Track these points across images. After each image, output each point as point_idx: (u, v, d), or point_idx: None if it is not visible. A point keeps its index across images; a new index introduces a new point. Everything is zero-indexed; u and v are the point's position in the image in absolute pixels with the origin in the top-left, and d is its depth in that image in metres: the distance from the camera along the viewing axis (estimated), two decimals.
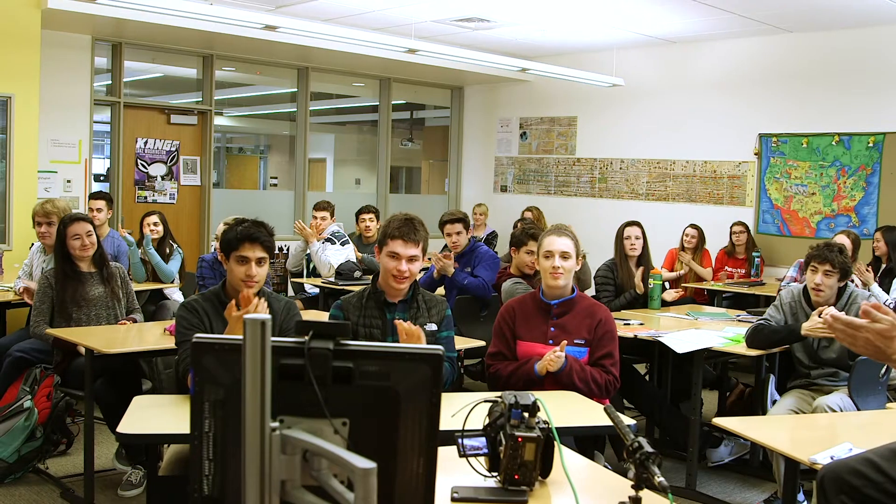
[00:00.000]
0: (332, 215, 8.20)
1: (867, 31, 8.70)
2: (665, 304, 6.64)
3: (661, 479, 2.07)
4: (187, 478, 1.66)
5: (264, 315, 1.36)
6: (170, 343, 4.13)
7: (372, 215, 8.53)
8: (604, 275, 6.57)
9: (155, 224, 7.29)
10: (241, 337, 1.38)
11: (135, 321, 5.24)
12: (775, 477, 4.51)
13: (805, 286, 4.92)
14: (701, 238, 8.93)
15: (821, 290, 4.78)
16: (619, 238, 6.62)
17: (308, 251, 7.95)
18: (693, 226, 8.96)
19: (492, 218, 11.11)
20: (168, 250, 7.30)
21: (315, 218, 8.13)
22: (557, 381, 3.89)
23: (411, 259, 3.78)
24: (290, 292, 8.07)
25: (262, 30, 7.65)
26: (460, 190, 12.80)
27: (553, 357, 3.85)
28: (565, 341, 3.90)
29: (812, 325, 4.70)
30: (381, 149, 12.00)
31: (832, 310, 4.62)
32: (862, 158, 8.82)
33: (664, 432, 5.90)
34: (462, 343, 4.91)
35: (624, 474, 2.62)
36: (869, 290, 6.01)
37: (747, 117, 9.65)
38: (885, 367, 4.77)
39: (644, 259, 6.64)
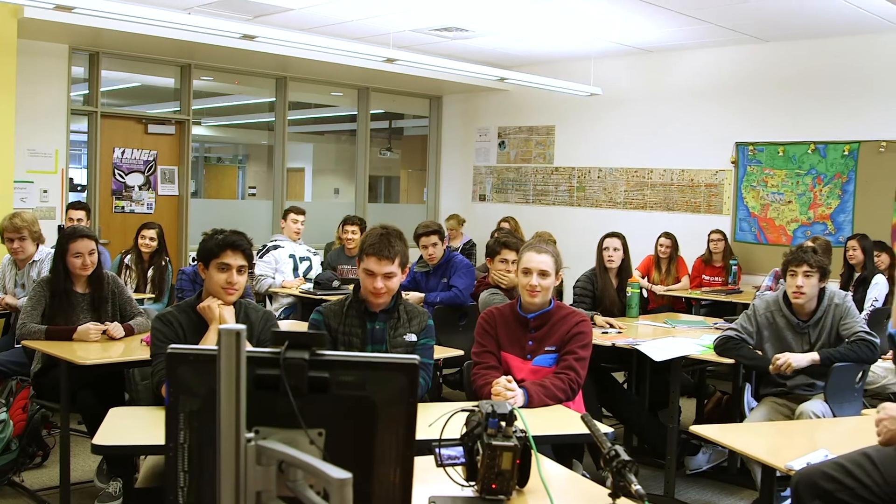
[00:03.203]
0: None
1: (842, 41, 8.78)
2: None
3: (638, 486, 2.08)
4: (164, 489, 1.66)
5: (239, 325, 1.36)
6: (147, 354, 4.11)
7: (356, 227, 8.34)
8: (583, 286, 6.55)
9: (151, 239, 7.22)
10: (216, 347, 1.38)
11: (131, 329, 5.01)
12: (754, 482, 4.53)
13: (783, 292, 4.92)
14: (675, 247, 8.98)
15: (802, 293, 4.75)
16: (599, 249, 6.62)
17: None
18: (666, 235, 9.02)
19: (471, 227, 11.11)
20: (163, 263, 7.24)
21: (297, 222, 8.23)
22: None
23: (387, 276, 3.75)
24: (268, 303, 8.02)
25: (241, 39, 7.64)
26: (439, 199, 12.82)
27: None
28: (510, 377, 3.79)
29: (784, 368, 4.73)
30: (360, 158, 12.00)
31: (790, 358, 4.67)
32: (837, 167, 8.89)
33: (642, 440, 5.92)
34: (441, 352, 4.90)
35: (603, 483, 2.63)
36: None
37: (724, 126, 9.71)
38: (861, 373, 4.80)
39: (623, 271, 6.62)
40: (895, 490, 2.64)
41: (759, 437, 3.76)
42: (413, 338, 3.88)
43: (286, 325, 5.99)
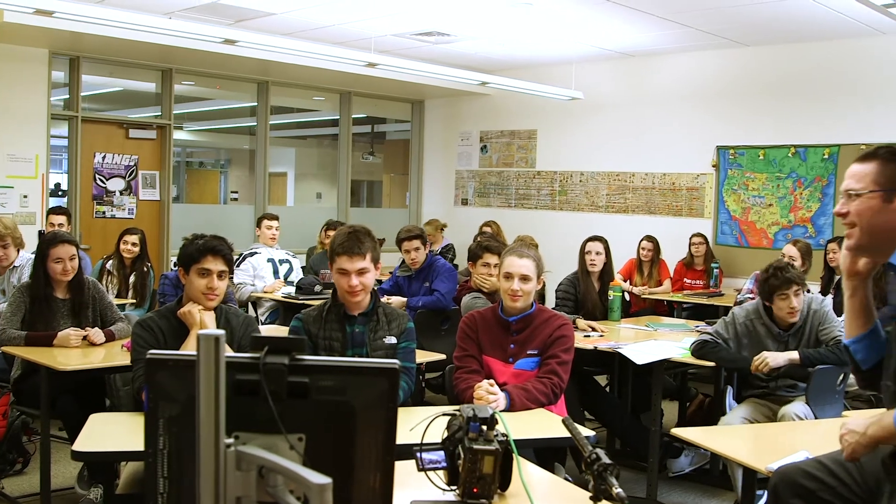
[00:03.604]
0: None
1: (822, 45, 8.83)
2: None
3: (619, 489, 2.08)
4: (145, 496, 1.65)
5: (218, 331, 1.36)
6: (128, 360, 4.09)
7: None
8: (565, 289, 6.55)
9: (134, 245, 7.17)
10: (195, 353, 1.37)
11: (112, 334, 4.99)
12: (733, 485, 4.56)
13: (762, 304, 4.92)
14: (656, 250, 9.01)
15: (796, 311, 4.80)
16: (582, 252, 6.63)
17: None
18: (648, 238, 9.05)
19: (453, 231, 11.11)
20: (145, 268, 7.20)
21: (271, 228, 8.19)
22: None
23: (360, 272, 3.76)
24: (251, 309, 7.99)
25: (222, 44, 7.62)
26: (421, 203, 12.81)
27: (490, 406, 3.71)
28: (492, 381, 3.79)
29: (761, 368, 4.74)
30: (342, 162, 11.98)
31: (767, 357, 4.69)
32: (817, 170, 8.94)
33: (625, 443, 5.93)
34: (423, 356, 4.90)
35: (585, 486, 2.63)
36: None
37: (705, 130, 9.75)
38: (842, 375, 4.83)
39: (606, 275, 6.64)
40: (871, 489, 2.65)
41: (740, 439, 3.77)
42: (393, 340, 3.87)
43: (267, 331, 5.97)
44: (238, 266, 7.79)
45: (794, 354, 4.69)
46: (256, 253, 8.05)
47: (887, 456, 2.55)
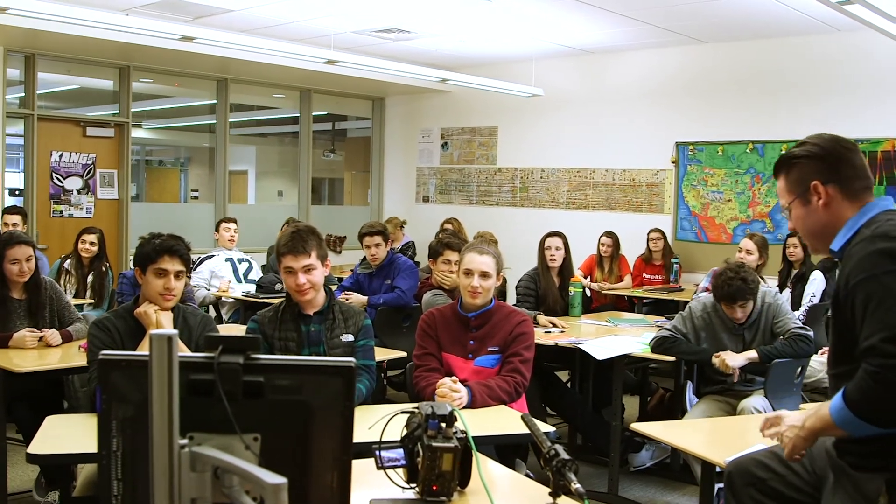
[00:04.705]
0: None
1: (779, 42, 8.92)
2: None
3: (578, 485, 2.09)
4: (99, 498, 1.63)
5: (171, 330, 1.34)
6: (85, 360, 4.05)
7: None
8: (526, 285, 6.57)
9: (92, 244, 7.09)
10: (148, 353, 1.36)
11: (69, 335, 4.93)
12: (696, 480, 4.59)
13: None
14: (616, 245, 9.06)
15: (739, 319, 4.84)
16: (541, 248, 6.65)
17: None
18: (608, 234, 9.10)
19: (414, 228, 11.10)
20: (103, 268, 7.12)
21: (229, 230, 8.23)
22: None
23: (307, 269, 3.74)
24: (212, 309, 7.94)
25: (180, 41, 7.55)
26: (383, 201, 12.79)
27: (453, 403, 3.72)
28: (455, 378, 3.80)
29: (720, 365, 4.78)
30: (303, 160, 11.93)
31: (725, 358, 4.74)
32: None
33: (586, 438, 5.95)
34: (385, 354, 4.91)
35: (547, 482, 2.64)
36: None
37: (664, 126, 9.81)
38: (800, 368, 4.89)
39: (566, 270, 6.66)
40: (819, 477, 2.70)
41: (699, 433, 3.80)
42: (350, 338, 3.86)
43: (226, 330, 5.94)
44: (195, 270, 7.75)
45: (752, 353, 4.74)
46: (214, 256, 8.03)
47: (831, 446, 2.60)
